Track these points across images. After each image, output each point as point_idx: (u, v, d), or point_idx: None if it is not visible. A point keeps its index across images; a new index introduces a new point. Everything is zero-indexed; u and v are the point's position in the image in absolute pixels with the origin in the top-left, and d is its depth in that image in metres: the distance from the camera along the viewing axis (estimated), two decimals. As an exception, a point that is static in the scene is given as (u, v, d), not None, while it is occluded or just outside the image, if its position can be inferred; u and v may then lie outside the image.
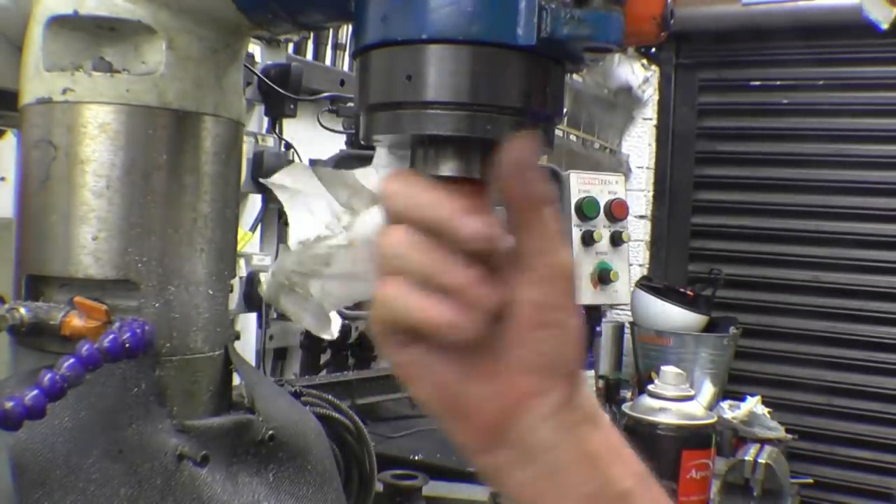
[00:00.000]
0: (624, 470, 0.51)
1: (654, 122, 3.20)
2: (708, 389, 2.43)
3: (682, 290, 2.78)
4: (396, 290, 0.47)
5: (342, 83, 1.79)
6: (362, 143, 0.54)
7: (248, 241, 1.57)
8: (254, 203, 1.60)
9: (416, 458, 1.46)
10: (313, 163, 1.66)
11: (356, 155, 1.36)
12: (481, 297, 0.46)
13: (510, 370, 0.49)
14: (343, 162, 1.42)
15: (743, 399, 2.32)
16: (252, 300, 1.43)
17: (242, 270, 1.45)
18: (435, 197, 0.47)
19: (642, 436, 1.50)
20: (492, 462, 0.50)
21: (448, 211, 0.46)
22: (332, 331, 0.73)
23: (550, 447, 0.49)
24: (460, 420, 0.50)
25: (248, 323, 1.58)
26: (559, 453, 0.49)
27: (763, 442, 2.12)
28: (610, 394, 2.60)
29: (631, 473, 0.51)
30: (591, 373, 1.70)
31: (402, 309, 0.47)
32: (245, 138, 1.00)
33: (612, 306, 2.75)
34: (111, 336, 0.57)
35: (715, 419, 1.55)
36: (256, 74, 1.45)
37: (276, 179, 0.72)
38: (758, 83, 3.09)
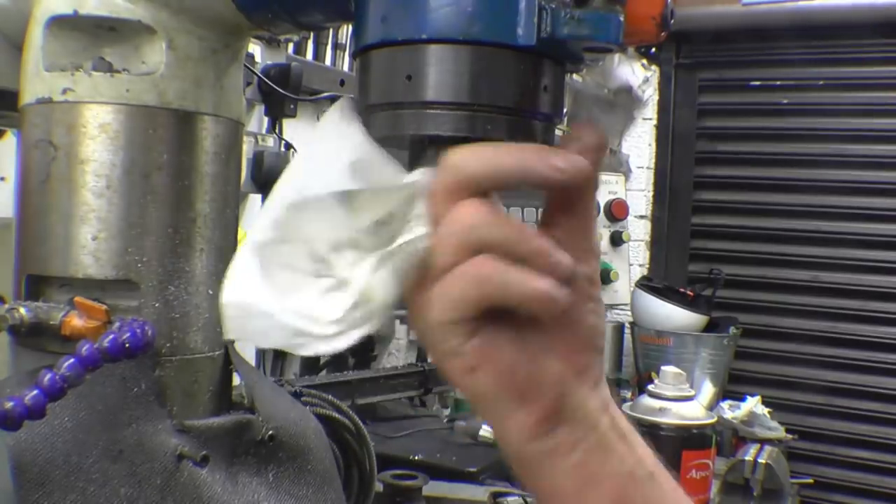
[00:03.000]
0: (645, 449, 0.52)
1: (654, 122, 3.19)
2: (708, 389, 2.43)
3: (682, 290, 2.78)
4: (485, 264, 0.44)
5: (342, 83, 1.79)
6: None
7: (248, 241, 1.57)
8: (254, 203, 1.60)
9: (416, 458, 1.46)
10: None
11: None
12: (562, 261, 0.45)
13: (566, 346, 0.49)
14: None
15: (743, 399, 2.32)
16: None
17: (242, 270, 1.45)
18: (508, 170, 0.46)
19: (642, 436, 1.50)
20: (545, 448, 0.49)
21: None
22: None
23: (597, 421, 0.50)
24: (527, 402, 0.49)
25: (248, 323, 1.58)
26: (602, 430, 0.50)
27: (763, 442, 2.12)
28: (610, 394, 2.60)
29: (650, 453, 0.52)
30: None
31: (498, 283, 0.44)
32: (245, 138, 1.00)
33: (612, 306, 2.75)
34: (111, 336, 0.57)
35: (715, 419, 1.55)
36: (256, 74, 1.45)
37: (252, 233, 0.51)
38: (758, 83, 3.08)
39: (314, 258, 0.49)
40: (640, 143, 3.21)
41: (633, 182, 3.15)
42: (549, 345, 0.49)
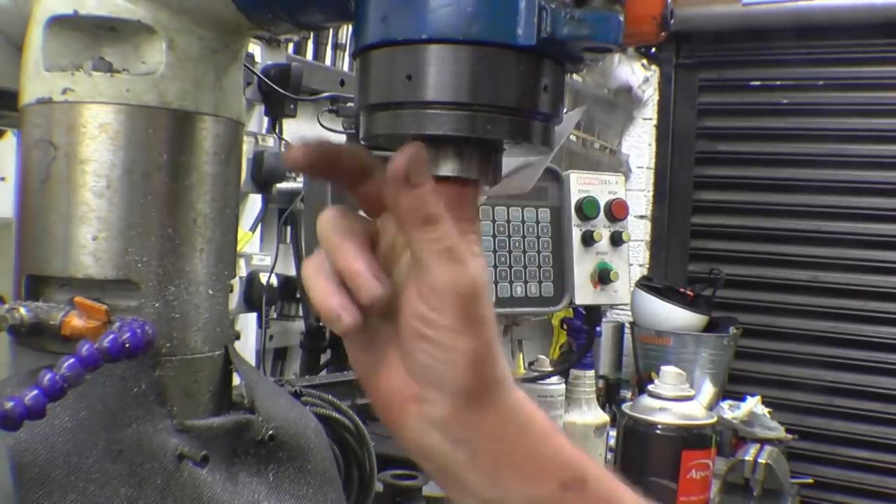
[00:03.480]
0: (528, 489, 0.50)
1: (654, 122, 3.20)
2: (708, 389, 2.43)
3: (682, 290, 2.78)
4: (309, 267, 0.49)
5: (342, 83, 1.79)
6: (362, 142, 0.54)
7: (248, 241, 1.57)
8: (254, 203, 1.60)
9: (416, 458, 1.46)
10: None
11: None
12: (364, 287, 0.47)
13: (400, 369, 0.50)
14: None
15: (743, 399, 2.32)
16: (252, 300, 1.43)
17: (242, 270, 1.45)
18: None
19: (642, 436, 1.50)
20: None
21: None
22: None
23: (442, 453, 0.50)
24: (372, 401, 0.53)
25: (248, 323, 1.58)
26: (453, 461, 0.49)
27: (763, 442, 2.12)
28: (610, 394, 2.60)
29: (532, 496, 0.50)
30: (591, 373, 1.70)
31: (308, 288, 0.49)
32: (245, 138, 1.00)
33: (612, 306, 2.75)
34: (111, 336, 0.57)
35: (715, 419, 1.55)
36: (256, 74, 1.45)
37: None
38: (758, 83, 3.09)
39: None
40: (640, 143, 3.21)
41: (633, 182, 3.15)
42: (387, 362, 0.50)
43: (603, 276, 1.51)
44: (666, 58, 3.14)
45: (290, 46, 1.75)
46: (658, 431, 1.48)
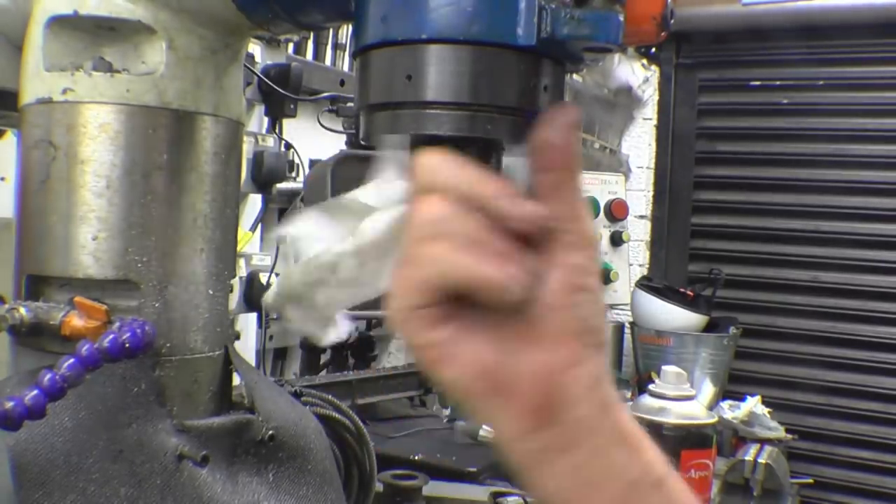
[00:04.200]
0: (655, 455, 0.50)
1: (654, 122, 3.19)
2: (708, 389, 2.43)
3: (682, 290, 2.78)
4: (442, 249, 0.44)
5: (342, 83, 1.79)
6: (362, 142, 0.54)
7: (248, 241, 1.57)
8: (254, 203, 1.60)
9: (416, 458, 1.46)
10: (313, 163, 1.66)
11: (356, 155, 1.36)
12: (525, 262, 0.45)
13: (550, 337, 0.47)
14: (343, 162, 1.42)
15: (743, 399, 2.32)
16: (252, 300, 1.43)
17: (242, 270, 1.45)
18: (478, 175, 0.46)
19: (642, 436, 1.50)
20: (536, 447, 0.47)
21: (494, 190, 0.45)
22: (340, 334, 0.62)
23: (593, 427, 0.47)
24: (504, 398, 0.47)
25: (248, 323, 1.58)
26: (602, 434, 0.48)
27: (763, 442, 2.12)
28: (610, 394, 2.60)
29: (660, 459, 0.50)
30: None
31: (451, 266, 0.44)
32: (245, 138, 1.00)
33: (612, 306, 2.75)
34: (111, 336, 0.57)
35: (715, 419, 1.55)
36: (256, 74, 1.45)
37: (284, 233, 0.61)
38: (758, 83, 3.08)
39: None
40: (640, 143, 3.21)
41: (633, 182, 3.15)
42: (524, 338, 0.47)
43: (603, 276, 1.51)
44: (666, 58, 3.14)
45: (290, 46, 1.75)
46: (658, 431, 1.48)
